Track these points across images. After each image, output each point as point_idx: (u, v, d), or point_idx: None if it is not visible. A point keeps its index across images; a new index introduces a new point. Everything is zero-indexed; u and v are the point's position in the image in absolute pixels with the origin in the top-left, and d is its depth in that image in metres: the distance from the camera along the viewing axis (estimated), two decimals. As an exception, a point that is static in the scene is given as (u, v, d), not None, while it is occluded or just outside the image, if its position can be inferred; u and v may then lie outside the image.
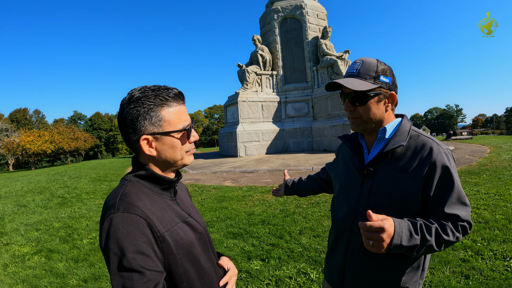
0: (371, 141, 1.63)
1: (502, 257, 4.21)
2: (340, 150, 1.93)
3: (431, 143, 1.48)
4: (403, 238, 1.29)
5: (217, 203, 8.15)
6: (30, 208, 9.45)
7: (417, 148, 1.48)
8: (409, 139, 1.52)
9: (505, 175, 9.36)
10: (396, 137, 1.51)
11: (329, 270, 1.79)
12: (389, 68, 1.55)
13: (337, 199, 1.77)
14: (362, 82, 1.48)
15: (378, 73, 1.49)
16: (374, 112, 1.51)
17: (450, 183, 1.42)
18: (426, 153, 1.45)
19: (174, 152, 1.29)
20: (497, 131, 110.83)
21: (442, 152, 1.44)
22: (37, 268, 5.00)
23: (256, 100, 20.33)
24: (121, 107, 1.26)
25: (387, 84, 1.50)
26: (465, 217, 1.42)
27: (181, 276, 1.22)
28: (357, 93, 1.49)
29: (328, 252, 1.81)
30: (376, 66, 1.50)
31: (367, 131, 1.60)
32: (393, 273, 1.52)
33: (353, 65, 1.55)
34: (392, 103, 1.55)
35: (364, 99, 1.49)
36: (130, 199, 1.17)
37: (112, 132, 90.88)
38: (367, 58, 1.54)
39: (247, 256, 4.80)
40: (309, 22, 21.44)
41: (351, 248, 1.59)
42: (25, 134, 39.40)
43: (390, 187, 1.48)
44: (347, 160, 1.76)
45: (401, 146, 1.48)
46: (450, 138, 30.69)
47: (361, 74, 1.49)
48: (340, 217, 1.67)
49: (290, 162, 14.65)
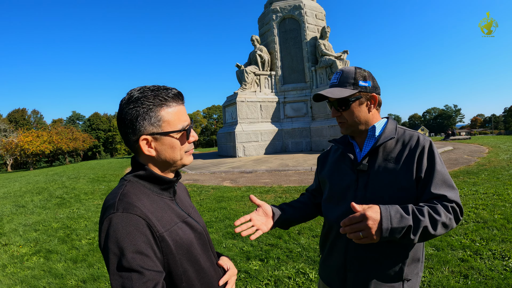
0: (362, 141, 1.73)
1: (500, 257, 4.22)
2: (326, 156, 1.98)
3: (417, 134, 1.64)
4: (393, 220, 1.33)
5: (216, 203, 8.15)
6: (29, 208, 9.43)
7: (405, 140, 1.63)
8: (397, 134, 1.66)
9: (503, 175, 9.38)
10: (385, 133, 1.64)
11: (328, 272, 1.78)
12: (368, 72, 1.67)
13: (329, 200, 1.78)
14: (342, 90, 1.62)
15: (357, 79, 1.62)
16: (357, 115, 1.64)
17: (435, 165, 1.53)
18: (414, 143, 1.59)
19: (174, 152, 1.29)
20: (495, 131, 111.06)
21: (427, 141, 1.59)
22: (36, 269, 4.99)
23: (255, 100, 20.32)
24: (120, 107, 1.26)
25: (366, 87, 1.63)
26: (453, 197, 1.48)
27: (180, 276, 1.22)
28: (339, 100, 1.63)
29: (325, 254, 1.81)
30: (354, 73, 1.63)
31: (356, 133, 1.71)
32: (396, 266, 1.56)
33: (334, 75, 1.71)
34: (375, 104, 1.67)
35: (347, 104, 1.62)
36: (130, 199, 1.17)
37: (111, 132, 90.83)
38: (346, 67, 1.68)
39: (246, 256, 4.80)
40: (308, 23, 21.44)
41: (353, 246, 1.61)
42: (23, 134, 39.40)
43: (386, 178, 1.57)
44: (338, 162, 1.81)
45: (392, 139, 1.62)
46: (449, 138, 30.68)
47: (341, 83, 1.64)
48: (337, 216, 1.67)
49: (289, 162, 14.65)
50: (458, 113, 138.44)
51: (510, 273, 3.79)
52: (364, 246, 1.56)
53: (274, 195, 8.49)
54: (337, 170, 1.78)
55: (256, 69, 21.13)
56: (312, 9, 21.97)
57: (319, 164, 2.01)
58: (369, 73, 1.67)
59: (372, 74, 1.68)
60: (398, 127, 1.69)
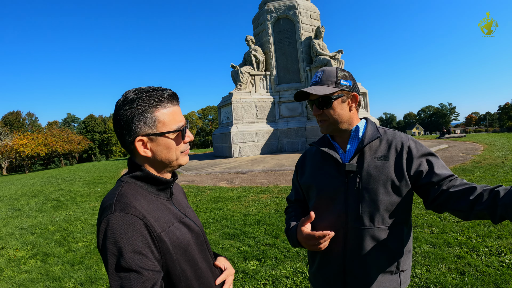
0: (344, 141, 1.75)
1: (497, 253, 4.25)
2: (303, 161, 1.95)
3: (399, 133, 1.72)
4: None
5: (212, 204, 8.15)
6: (25, 211, 9.40)
7: (389, 138, 1.68)
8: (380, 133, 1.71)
9: (498, 172, 9.44)
10: (369, 133, 1.68)
11: (324, 280, 1.75)
12: (349, 73, 1.71)
13: (319, 206, 1.73)
14: (325, 88, 1.63)
15: (338, 78, 1.65)
16: (339, 113, 1.66)
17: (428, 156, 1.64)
18: (399, 141, 1.66)
19: (169, 152, 1.30)
20: (490, 129, 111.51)
21: (409, 138, 1.68)
22: (33, 272, 4.97)
23: (250, 100, 20.30)
24: (116, 109, 1.26)
25: (348, 86, 1.66)
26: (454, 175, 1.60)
27: (179, 276, 1.23)
28: (322, 97, 1.64)
29: (319, 264, 1.75)
30: (336, 73, 1.66)
31: (336, 132, 1.73)
32: (393, 261, 1.61)
33: (316, 74, 1.72)
34: (356, 103, 1.71)
35: (329, 102, 1.64)
36: (127, 200, 1.17)
37: (106, 134, 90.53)
38: (327, 67, 1.71)
39: (244, 256, 4.80)
40: (302, 22, 21.45)
41: (351, 249, 1.61)
42: (18, 137, 39.21)
43: (378, 176, 1.60)
44: (320, 165, 1.78)
45: (378, 138, 1.67)
46: (444, 136, 30.84)
47: (323, 81, 1.66)
48: (330, 219, 1.66)
49: (285, 162, 14.67)
50: (453, 111, 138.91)
51: (507, 269, 3.82)
52: (362, 247, 1.58)
53: (271, 195, 8.50)
54: (321, 173, 1.75)
55: (251, 70, 21.11)
56: (307, 9, 21.99)
57: (298, 170, 1.98)
58: (350, 74, 1.71)
59: (352, 75, 1.72)
60: (378, 127, 1.74)
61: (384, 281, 1.61)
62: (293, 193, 2.03)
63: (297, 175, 1.97)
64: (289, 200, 2.06)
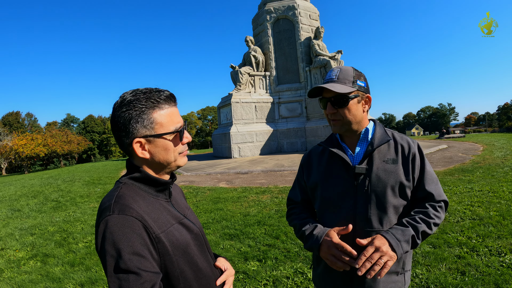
0: (353, 143, 1.75)
1: (497, 253, 4.25)
2: (309, 160, 1.90)
3: (406, 138, 1.74)
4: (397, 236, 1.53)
5: (212, 204, 8.14)
6: (24, 212, 9.39)
7: (397, 142, 1.71)
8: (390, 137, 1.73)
9: (498, 172, 9.44)
10: (378, 135, 1.70)
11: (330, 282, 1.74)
12: (363, 74, 1.71)
13: (325, 208, 1.74)
14: (343, 86, 1.61)
15: (355, 78, 1.64)
16: (354, 113, 1.65)
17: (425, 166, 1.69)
18: (406, 145, 1.69)
19: (167, 154, 1.30)
20: (489, 129, 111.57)
21: (416, 143, 1.72)
22: (33, 273, 4.96)
23: (250, 101, 20.31)
24: (114, 111, 1.26)
25: (363, 87, 1.66)
26: (439, 196, 1.67)
27: (177, 277, 1.22)
28: (338, 96, 1.61)
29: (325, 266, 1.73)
30: (353, 72, 1.66)
31: (348, 132, 1.72)
32: (400, 262, 1.65)
33: (331, 72, 1.69)
34: (369, 105, 1.71)
35: (345, 102, 1.61)
36: (125, 201, 1.17)
37: (105, 134, 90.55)
38: (343, 66, 1.70)
39: (244, 257, 4.79)
40: (302, 23, 21.47)
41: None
42: (17, 137, 39.13)
43: (385, 179, 1.62)
44: (328, 166, 1.76)
45: (388, 141, 1.69)
46: (443, 136, 30.82)
47: (341, 79, 1.63)
48: (338, 221, 1.66)
49: (285, 163, 14.67)
50: (452, 111, 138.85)
51: (507, 268, 3.82)
52: None
53: (270, 196, 8.50)
54: (329, 174, 1.74)
55: (251, 70, 21.11)
56: (306, 10, 22.00)
57: (304, 170, 1.91)
58: (364, 75, 1.70)
59: (366, 77, 1.73)
60: (386, 130, 1.76)
61: (391, 282, 1.64)
62: (298, 193, 1.95)
63: (303, 175, 1.91)
64: (293, 201, 2.00)
